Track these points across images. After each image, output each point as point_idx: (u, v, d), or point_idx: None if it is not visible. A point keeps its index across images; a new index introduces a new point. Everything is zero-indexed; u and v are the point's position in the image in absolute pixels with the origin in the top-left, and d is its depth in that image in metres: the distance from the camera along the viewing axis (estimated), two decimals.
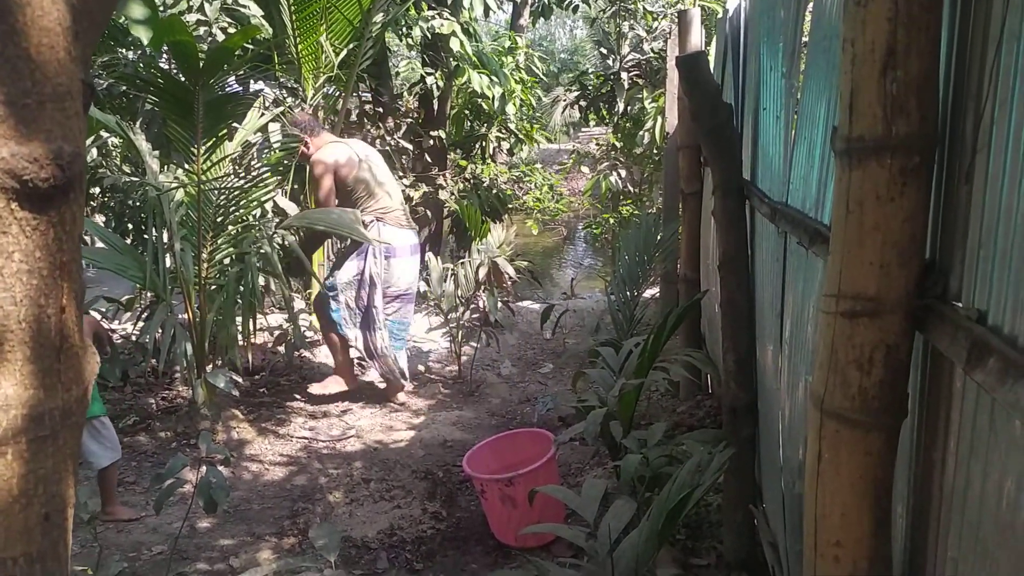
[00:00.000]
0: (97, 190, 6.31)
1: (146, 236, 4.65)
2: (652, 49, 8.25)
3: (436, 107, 8.02)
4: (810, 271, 2.02)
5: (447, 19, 6.97)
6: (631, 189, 8.73)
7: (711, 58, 4.94)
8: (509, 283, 6.21)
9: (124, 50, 5.50)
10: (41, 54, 0.71)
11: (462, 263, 5.69)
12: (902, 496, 1.43)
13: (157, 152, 4.83)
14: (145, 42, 1.56)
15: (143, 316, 4.72)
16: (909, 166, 1.15)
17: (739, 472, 2.88)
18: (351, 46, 5.80)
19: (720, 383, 3.60)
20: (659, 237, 4.86)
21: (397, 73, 8.36)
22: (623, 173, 8.48)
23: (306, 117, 4.91)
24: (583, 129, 14.85)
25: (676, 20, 4.97)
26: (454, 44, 6.92)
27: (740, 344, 2.91)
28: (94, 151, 5.61)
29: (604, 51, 8.81)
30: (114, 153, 5.83)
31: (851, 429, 1.28)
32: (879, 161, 1.17)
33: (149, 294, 4.57)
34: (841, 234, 1.25)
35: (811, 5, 2.17)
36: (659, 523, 2.37)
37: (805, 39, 2.31)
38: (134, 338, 5.20)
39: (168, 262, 4.38)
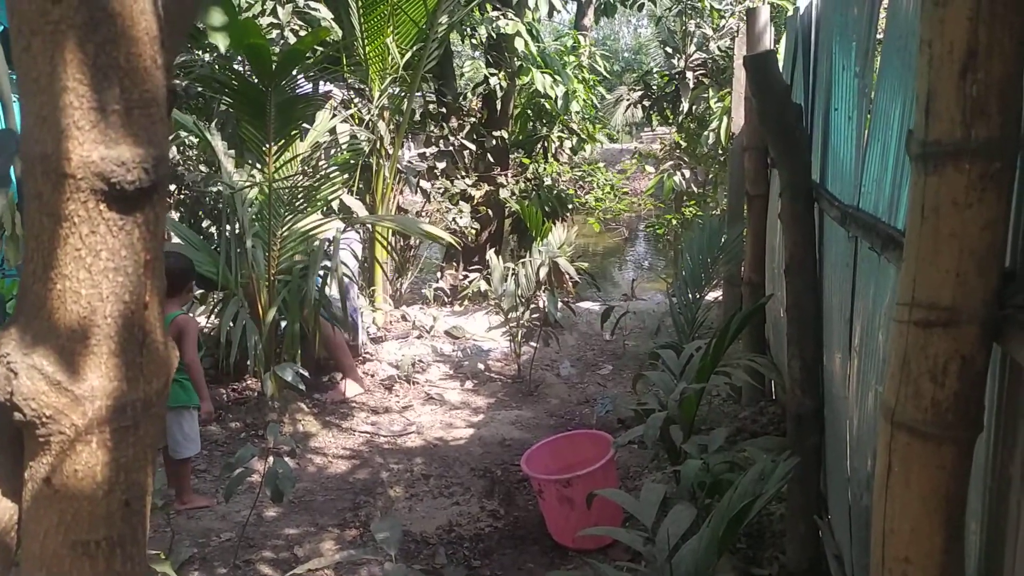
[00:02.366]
0: (173, 187, 6.56)
1: (218, 232, 4.81)
2: (718, 48, 8.11)
3: (499, 107, 8.06)
4: (882, 277, 1.96)
5: (511, 19, 7.00)
6: (695, 190, 8.61)
7: (780, 57, 4.83)
8: (570, 284, 6.20)
9: (201, 52, 5.70)
10: (130, 63, 0.75)
11: (523, 263, 5.70)
12: (976, 513, 1.38)
13: (232, 151, 4.99)
14: (223, 48, 1.63)
15: (216, 310, 4.89)
16: (989, 171, 1.11)
17: (804, 481, 2.81)
18: (416, 47, 5.88)
19: (784, 389, 3.53)
20: (723, 239, 4.78)
21: (461, 74, 8.43)
22: (687, 173, 8.37)
23: None
24: (646, 129, 14.71)
25: (744, 18, 4.89)
26: (518, 44, 6.94)
27: (806, 350, 2.84)
28: (173, 150, 5.83)
29: (669, 50, 8.70)
30: (189, 152, 6.04)
31: (923, 442, 1.24)
32: (957, 166, 1.13)
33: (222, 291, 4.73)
34: (916, 241, 1.22)
35: (886, 2, 2.11)
36: (720, 531, 2.34)
37: (879, 37, 2.24)
38: (207, 331, 5.38)
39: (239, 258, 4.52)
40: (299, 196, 4.54)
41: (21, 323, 0.80)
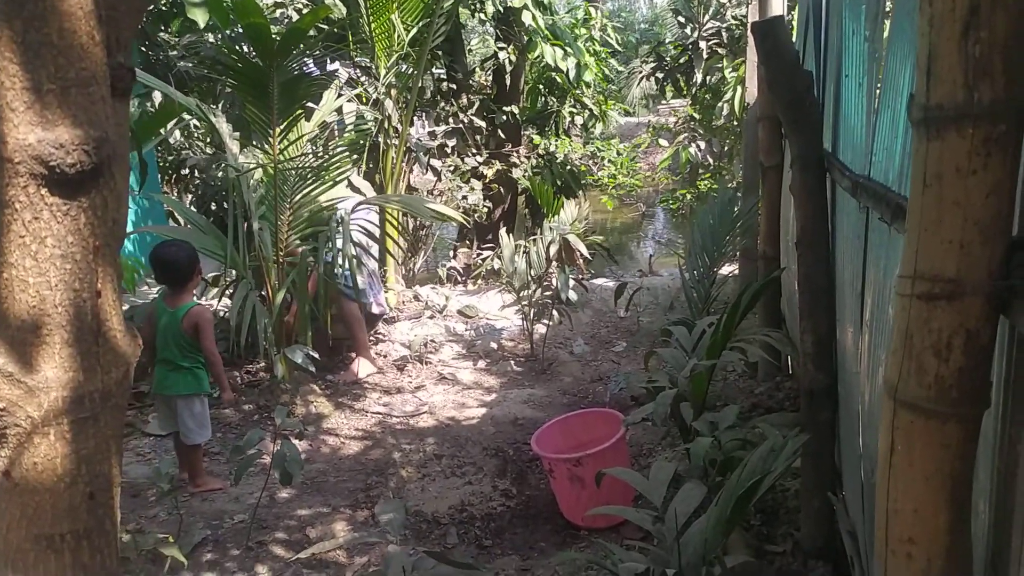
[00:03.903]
0: (185, 171, 6.57)
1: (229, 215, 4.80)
2: (733, 16, 7.94)
3: (509, 82, 7.95)
4: (893, 249, 1.90)
5: None
6: (710, 162, 8.47)
7: (795, 23, 4.71)
8: (581, 260, 6.15)
9: (208, 32, 5.65)
10: (63, 39, 0.71)
11: (533, 240, 5.65)
12: (985, 491, 1.33)
13: (238, 134, 4.96)
14: (201, 25, 1.59)
15: (227, 293, 4.90)
16: (993, 136, 1.05)
17: (817, 457, 2.77)
18: (423, 23, 5.80)
19: (799, 364, 3.47)
20: (736, 211, 4.70)
21: (470, 49, 8.33)
22: (702, 145, 8.23)
23: None
24: (663, 101, 14.50)
25: None
26: (526, 17, 6.83)
27: (819, 324, 2.78)
28: (177, 133, 5.81)
29: (682, 19, 8.53)
30: (195, 135, 6.04)
31: (926, 420, 1.20)
32: (960, 131, 1.07)
33: (233, 272, 4.73)
34: (918, 210, 1.16)
35: None
36: (728, 509, 2.31)
37: (889, 1, 2.16)
38: (221, 314, 5.40)
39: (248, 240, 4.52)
40: (307, 176, 4.52)
41: None
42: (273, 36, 3.86)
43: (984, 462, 1.30)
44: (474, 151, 7.62)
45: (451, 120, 7.36)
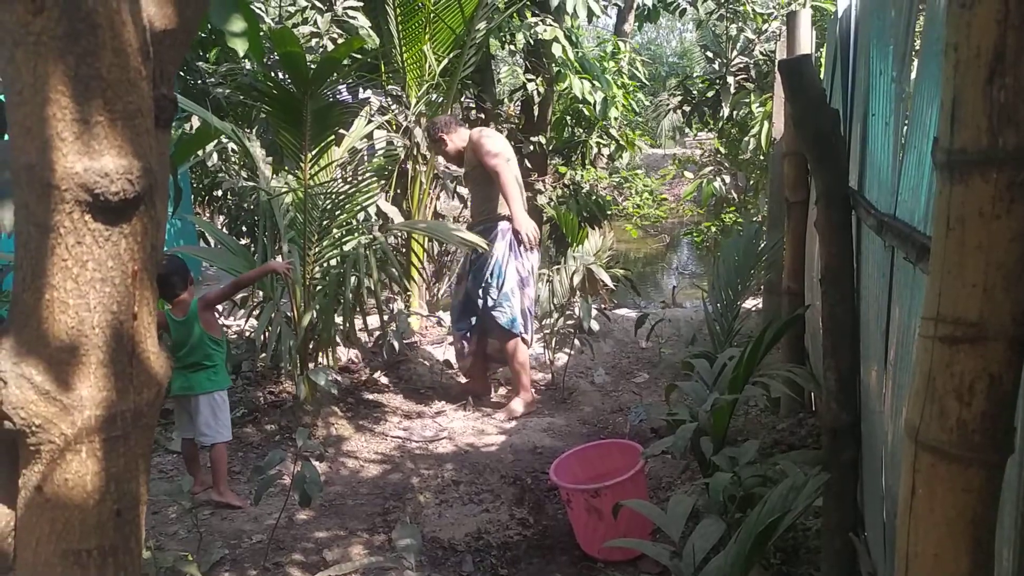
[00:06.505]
0: (219, 193, 6.70)
1: (259, 237, 4.88)
2: (761, 52, 7.97)
3: (537, 113, 8.04)
4: (917, 289, 1.89)
5: (550, 25, 6.98)
6: (735, 196, 8.46)
7: (823, 61, 4.73)
8: (604, 290, 6.15)
9: (245, 60, 5.81)
10: (112, 74, 0.75)
11: (557, 269, 5.67)
12: (1009, 539, 1.31)
13: (271, 158, 5.06)
14: (241, 54, 1.66)
15: (255, 313, 4.96)
16: (1018, 181, 1.05)
17: (839, 497, 2.73)
18: (453, 54, 5.91)
19: (823, 402, 3.43)
20: (760, 246, 4.69)
21: (499, 79, 8.44)
22: (727, 179, 8.23)
23: (442, 117, 5.11)
24: (688, 134, 14.54)
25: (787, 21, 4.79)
26: (556, 50, 6.92)
27: (842, 362, 2.76)
28: (215, 156, 5.95)
29: (710, 54, 8.57)
30: (233, 159, 6.16)
31: (948, 464, 1.19)
32: (984, 175, 1.08)
33: (260, 293, 4.81)
34: (941, 253, 1.17)
35: (924, 5, 2.04)
36: (747, 546, 2.28)
37: (918, 41, 2.17)
38: (247, 334, 5.46)
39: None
40: (338, 202, 4.59)
41: (11, 332, 0.81)
42: (308, 65, 3.95)
43: (1009, 508, 1.29)
44: None
45: None
